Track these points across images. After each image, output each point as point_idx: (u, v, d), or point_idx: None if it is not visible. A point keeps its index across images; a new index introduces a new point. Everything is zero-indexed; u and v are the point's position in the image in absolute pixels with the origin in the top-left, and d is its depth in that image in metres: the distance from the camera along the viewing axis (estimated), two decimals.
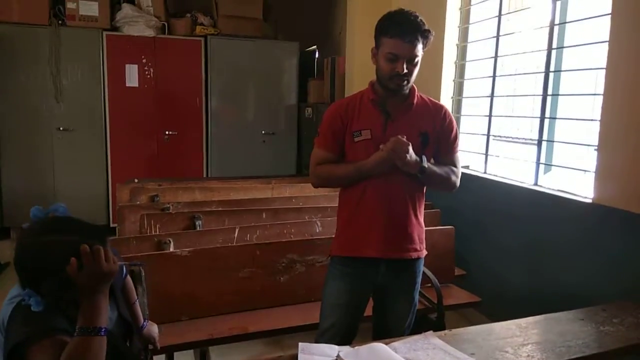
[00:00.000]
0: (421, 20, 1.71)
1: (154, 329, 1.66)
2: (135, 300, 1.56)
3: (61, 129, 4.69)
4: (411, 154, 1.70)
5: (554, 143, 2.88)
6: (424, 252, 1.92)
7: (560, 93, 2.86)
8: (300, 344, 1.51)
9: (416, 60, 1.72)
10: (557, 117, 2.87)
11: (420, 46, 1.70)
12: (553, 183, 2.79)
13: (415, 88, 1.83)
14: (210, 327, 2.18)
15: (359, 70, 4.35)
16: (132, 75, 4.86)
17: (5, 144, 4.58)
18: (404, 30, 1.67)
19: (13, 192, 4.61)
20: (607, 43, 2.32)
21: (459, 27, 3.64)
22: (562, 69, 2.83)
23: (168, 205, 2.99)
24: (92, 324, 1.14)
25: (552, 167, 2.90)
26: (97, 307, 1.16)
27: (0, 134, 4.55)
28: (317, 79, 5.42)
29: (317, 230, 2.83)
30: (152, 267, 2.12)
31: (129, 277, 1.56)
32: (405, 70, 1.69)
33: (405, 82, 1.73)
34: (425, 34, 1.70)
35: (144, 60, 4.86)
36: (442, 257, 2.68)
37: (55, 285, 1.17)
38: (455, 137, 1.88)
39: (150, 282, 1.94)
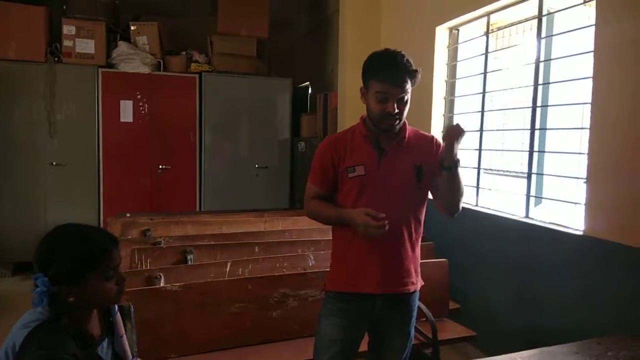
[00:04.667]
0: (407, 60, 1.71)
1: None
2: (123, 334, 1.53)
3: (54, 163, 4.69)
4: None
5: (544, 176, 2.92)
6: (420, 284, 1.90)
7: (547, 127, 2.92)
8: None
9: (406, 99, 1.72)
10: (546, 150, 2.92)
11: (408, 86, 1.71)
12: (544, 215, 2.81)
13: (406, 122, 1.84)
14: None
15: (350, 105, 4.44)
16: (126, 111, 4.91)
17: None
18: (393, 75, 1.68)
19: (4, 226, 4.55)
20: (592, 79, 2.40)
21: (447, 64, 3.74)
22: (549, 104, 2.90)
23: (160, 240, 2.97)
24: None
25: (543, 199, 2.93)
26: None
27: None
28: (310, 114, 5.50)
29: (311, 264, 2.81)
30: (142, 303, 2.10)
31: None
32: (397, 110, 1.71)
33: (397, 121, 1.74)
34: (412, 74, 1.71)
35: (139, 96, 4.92)
36: (436, 290, 2.66)
37: (95, 278, 1.26)
38: None
39: (140, 318, 1.91)
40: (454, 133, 1.67)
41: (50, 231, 1.30)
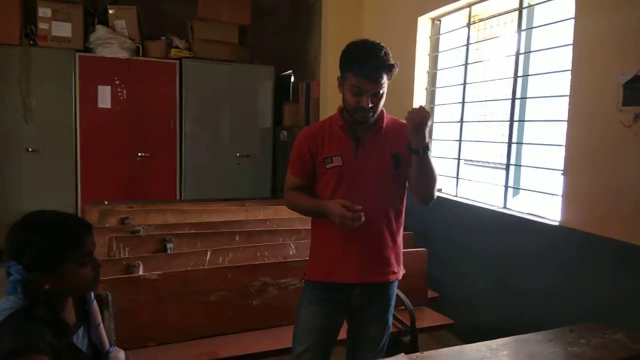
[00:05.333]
0: (385, 53, 1.68)
1: (120, 355, 1.60)
2: (100, 323, 1.51)
3: (30, 149, 4.58)
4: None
5: (522, 167, 2.96)
6: (401, 274, 1.91)
7: (526, 119, 2.95)
8: None
9: (381, 92, 1.71)
10: (524, 142, 2.96)
11: (384, 80, 1.69)
12: (521, 206, 2.85)
13: (384, 111, 1.83)
14: (179, 353, 2.12)
15: (332, 94, 4.41)
16: (104, 97, 4.81)
17: None
18: (368, 70, 1.66)
19: None
20: (570, 72, 2.43)
21: (429, 55, 3.75)
22: (528, 96, 2.93)
23: (138, 228, 2.93)
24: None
25: (521, 190, 2.97)
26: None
27: None
28: (292, 102, 5.46)
29: (291, 253, 2.82)
30: (120, 291, 2.08)
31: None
32: (370, 105, 1.70)
33: (371, 114, 1.74)
34: (389, 69, 1.68)
35: (117, 82, 4.82)
36: (415, 279, 2.69)
37: (70, 264, 1.25)
38: None
39: (117, 307, 1.89)
40: (414, 116, 1.64)
41: (22, 218, 1.27)
